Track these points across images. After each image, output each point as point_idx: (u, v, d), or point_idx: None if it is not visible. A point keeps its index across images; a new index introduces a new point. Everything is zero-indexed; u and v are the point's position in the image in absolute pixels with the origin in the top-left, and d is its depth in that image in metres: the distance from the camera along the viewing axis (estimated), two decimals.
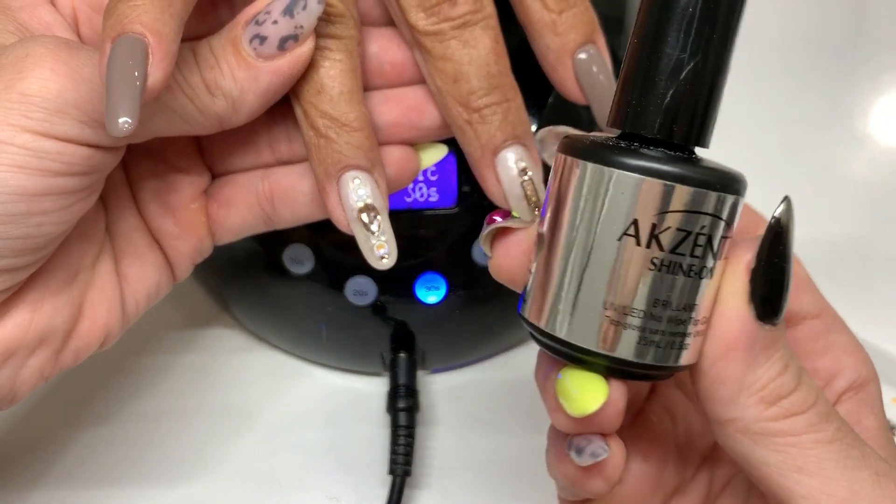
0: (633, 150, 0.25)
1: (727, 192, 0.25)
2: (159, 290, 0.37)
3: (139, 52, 0.27)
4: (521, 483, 0.45)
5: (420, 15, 0.33)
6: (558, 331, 0.26)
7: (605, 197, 0.25)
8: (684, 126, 0.25)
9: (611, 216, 0.25)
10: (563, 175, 0.26)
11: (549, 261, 0.27)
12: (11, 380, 0.32)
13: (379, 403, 0.48)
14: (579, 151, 0.26)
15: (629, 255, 0.25)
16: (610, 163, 0.25)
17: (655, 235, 0.25)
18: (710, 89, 0.26)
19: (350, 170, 0.33)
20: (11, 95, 0.28)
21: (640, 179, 0.25)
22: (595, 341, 0.26)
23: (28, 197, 0.29)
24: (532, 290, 0.27)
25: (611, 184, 0.25)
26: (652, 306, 0.25)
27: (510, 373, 0.50)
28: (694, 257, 0.25)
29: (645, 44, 0.26)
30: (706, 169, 0.25)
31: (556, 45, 0.34)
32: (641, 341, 0.26)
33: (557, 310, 0.26)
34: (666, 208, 0.25)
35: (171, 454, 0.47)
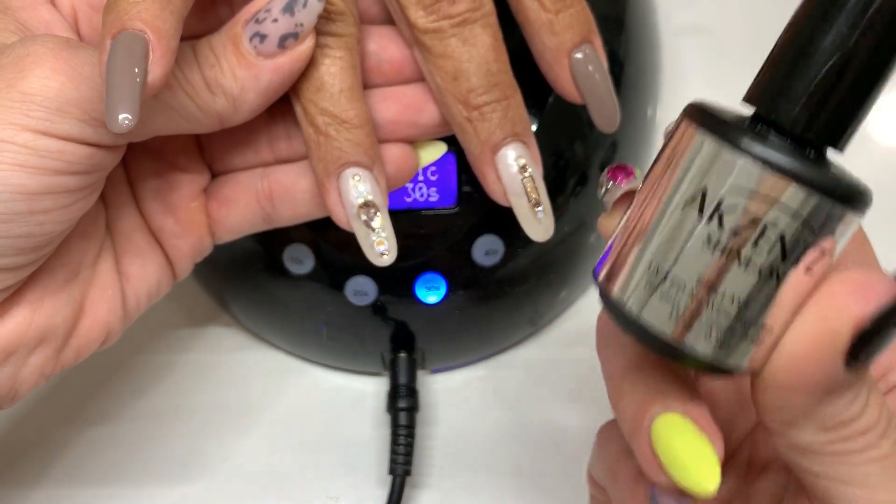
0: (759, 134, 0.23)
1: (823, 193, 0.23)
2: (160, 289, 0.37)
3: (139, 49, 0.27)
4: (522, 483, 0.45)
5: (420, 13, 0.33)
6: (617, 292, 0.25)
7: (686, 156, 0.24)
8: (825, 124, 0.23)
9: (687, 180, 0.24)
10: (676, 143, 0.25)
11: (630, 223, 0.26)
12: (12, 378, 0.33)
13: (379, 403, 0.48)
14: (703, 120, 0.24)
15: (688, 224, 0.24)
16: (731, 140, 0.23)
17: (719, 211, 0.23)
18: (866, 88, 0.23)
19: (350, 167, 0.33)
20: (12, 94, 0.29)
21: (719, 147, 0.23)
22: (641, 305, 0.25)
23: (29, 195, 0.29)
24: (612, 252, 0.26)
25: (691, 142, 0.24)
26: (697, 283, 0.24)
27: (510, 372, 0.50)
28: (756, 249, 0.23)
29: (808, 24, 0.23)
30: (810, 165, 0.23)
31: (553, 45, 0.34)
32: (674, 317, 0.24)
33: (618, 268, 0.25)
34: (736, 185, 0.23)
35: (172, 453, 0.47)
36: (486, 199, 0.36)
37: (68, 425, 0.47)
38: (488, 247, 0.44)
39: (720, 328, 0.24)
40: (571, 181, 0.44)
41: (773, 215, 0.23)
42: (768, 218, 0.23)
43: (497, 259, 0.44)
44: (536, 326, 0.50)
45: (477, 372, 0.50)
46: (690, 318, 0.24)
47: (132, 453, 0.46)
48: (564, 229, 0.45)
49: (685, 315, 0.24)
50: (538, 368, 0.50)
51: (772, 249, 0.23)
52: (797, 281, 0.24)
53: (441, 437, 0.47)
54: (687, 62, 0.58)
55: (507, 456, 0.46)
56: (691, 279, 0.24)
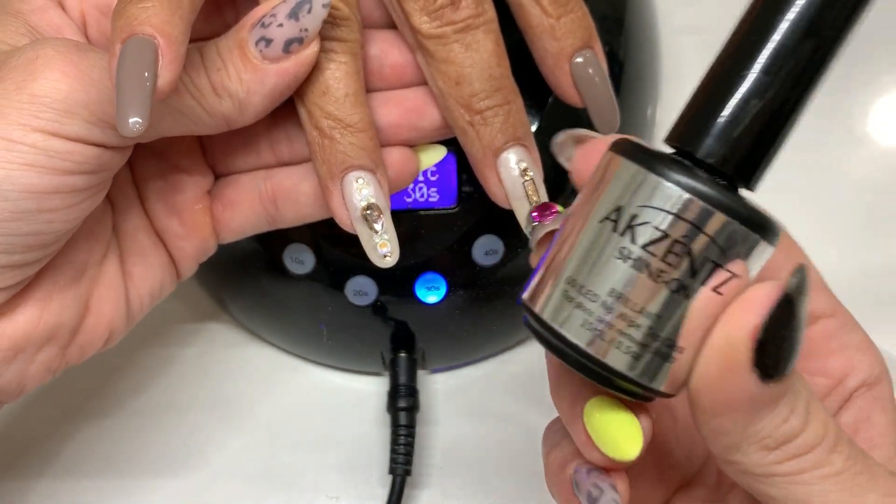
0: (683, 164, 0.24)
1: (729, 215, 0.24)
2: (163, 289, 0.37)
3: (149, 54, 0.28)
4: (522, 482, 0.45)
5: (423, 18, 0.33)
6: (538, 306, 0.26)
7: (606, 181, 0.25)
8: (740, 162, 0.25)
9: (604, 200, 0.25)
10: (602, 171, 0.26)
11: (554, 245, 0.27)
12: (20, 374, 0.33)
13: (379, 403, 0.48)
14: (628, 151, 0.25)
15: (602, 240, 0.25)
16: (654, 168, 0.24)
17: (632, 226, 0.24)
18: (777, 133, 0.25)
19: (353, 170, 0.33)
20: (22, 96, 0.29)
21: (637, 169, 0.24)
22: (555, 315, 0.26)
23: (38, 194, 0.30)
24: (536, 274, 0.27)
25: (615, 169, 0.25)
26: (608, 295, 0.25)
27: (510, 372, 0.50)
28: (666, 264, 0.24)
29: (725, 64, 0.25)
30: (720, 190, 0.24)
31: (554, 50, 0.34)
32: (595, 333, 0.25)
33: (541, 287, 0.26)
34: (648, 203, 0.24)
35: (172, 450, 0.47)
36: (486, 199, 0.36)
37: (69, 419, 0.48)
38: (488, 247, 0.44)
39: (633, 342, 0.25)
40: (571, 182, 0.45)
41: (682, 231, 0.24)
42: (677, 234, 0.24)
43: (497, 259, 0.44)
44: None
45: (477, 372, 0.50)
46: (604, 330, 0.25)
47: (132, 448, 0.47)
48: None
49: (599, 327, 0.25)
50: (538, 368, 0.49)
51: (680, 265, 0.24)
52: (706, 301, 0.24)
53: (441, 436, 0.47)
54: (687, 62, 0.58)
55: (507, 456, 0.46)
56: (603, 291, 0.25)
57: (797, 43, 0.24)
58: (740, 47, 0.25)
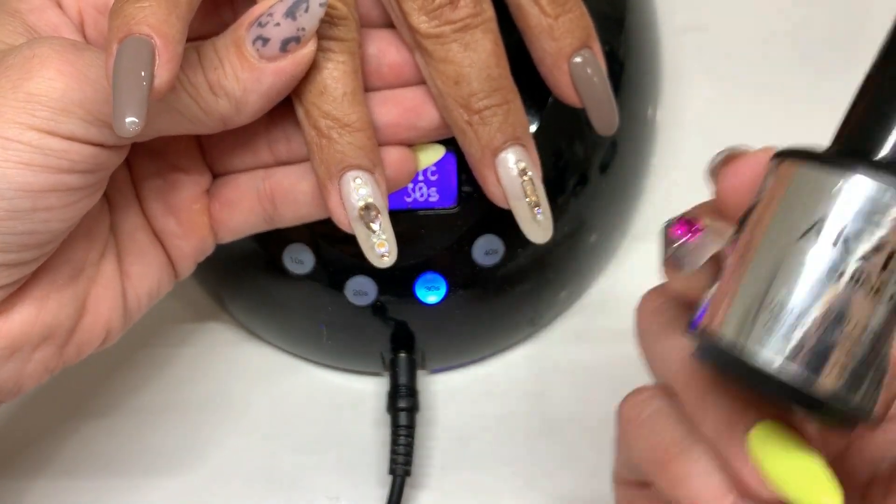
0: (871, 161, 0.22)
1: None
2: (160, 289, 0.37)
3: (146, 54, 0.28)
4: (522, 482, 0.45)
5: (422, 18, 0.33)
6: (728, 338, 0.23)
7: (790, 193, 0.23)
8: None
9: (798, 214, 0.23)
10: (770, 181, 0.24)
11: (736, 267, 0.24)
12: (17, 373, 0.33)
13: (379, 403, 0.48)
14: (796, 155, 0.23)
15: (806, 258, 0.22)
16: (848, 167, 0.22)
17: (845, 239, 0.22)
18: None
19: (351, 170, 0.33)
20: (18, 95, 0.29)
21: (830, 175, 0.22)
22: (758, 349, 0.23)
23: (33, 193, 0.30)
24: (713, 300, 0.25)
25: (797, 178, 0.23)
26: (820, 314, 0.22)
27: (510, 372, 0.50)
28: (885, 275, 0.22)
29: None
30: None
31: (553, 50, 0.34)
32: (814, 363, 0.22)
33: (729, 312, 0.24)
34: (858, 210, 0.22)
35: (171, 449, 0.47)
36: (485, 199, 0.36)
37: (67, 419, 0.48)
38: (488, 247, 0.44)
39: (851, 363, 0.22)
40: (571, 182, 0.45)
41: (869, 226, 0.22)
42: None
43: (497, 259, 0.44)
44: (536, 326, 0.51)
45: (477, 372, 0.50)
46: (815, 354, 0.22)
47: (131, 448, 0.47)
48: (564, 230, 0.46)
49: (811, 350, 0.22)
50: (538, 368, 0.50)
51: (884, 265, 0.22)
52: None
53: (441, 437, 0.47)
54: (687, 62, 0.58)
55: (507, 456, 0.46)
56: (817, 311, 0.22)
57: None
58: None
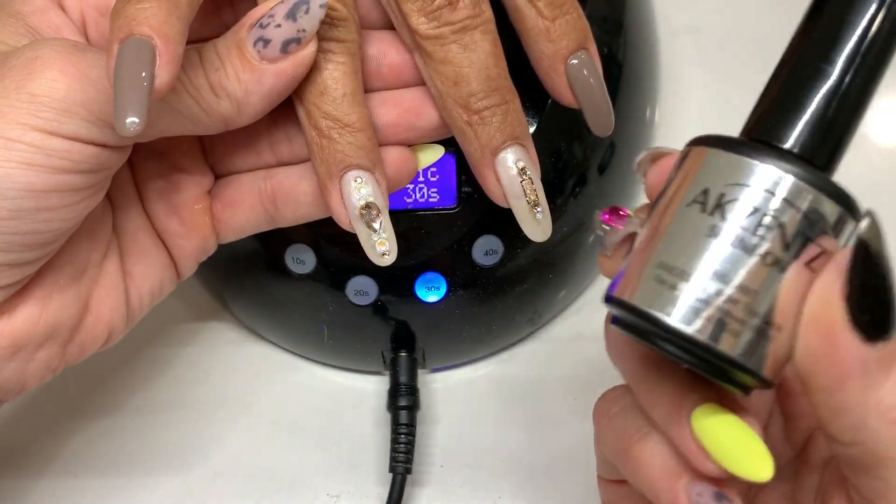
0: (772, 147, 0.25)
1: (820, 191, 0.24)
2: (163, 289, 0.37)
3: (147, 54, 0.28)
4: (522, 481, 0.45)
5: (421, 19, 0.33)
6: (628, 296, 0.26)
7: (691, 170, 0.26)
8: (819, 149, 0.25)
9: (689, 186, 0.26)
10: (680, 165, 0.27)
11: (641, 240, 0.27)
12: (20, 372, 0.33)
13: (379, 402, 0.48)
14: (701, 141, 0.26)
15: (691, 222, 0.25)
16: (748, 154, 0.25)
17: (721, 204, 0.25)
18: (852, 120, 0.26)
19: (352, 169, 0.34)
20: (21, 95, 0.29)
21: (725, 155, 0.25)
22: (650, 301, 0.25)
23: (36, 193, 0.30)
24: (625, 273, 0.27)
25: (700, 159, 0.26)
26: (703, 273, 0.25)
27: (510, 371, 0.50)
28: (758, 237, 0.25)
29: (799, 59, 0.26)
30: (808, 168, 0.25)
31: (550, 52, 0.35)
32: (693, 312, 0.25)
33: (631, 279, 0.26)
34: (737, 181, 0.25)
35: (172, 448, 0.47)
36: (485, 199, 0.36)
37: (70, 418, 0.48)
38: (488, 247, 0.44)
39: (734, 320, 0.25)
40: (570, 182, 0.45)
41: (775, 206, 0.24)
42: (769, 208, 0.24)
43: (497, 259, 0.44)
44: (536, 326, 0.51)
45: (477, 371, 0.50)
46: (702, 309, 0.25)
47: (133, 447, 0.47)
48: (563, 229, 0.46)
49: (697, 306, 0.25)
50: (538, 368, 0.50)
51: (773, 239, 0.24)
52: (799, 276, 0.24)
53: (441, 435, 0.47)
54: (685, 63, 0.58)
55: (507, 454, 0.46)
56: (698, 270, 0.25)
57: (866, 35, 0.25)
58: (811, 41, 0.26)
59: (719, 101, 0.57)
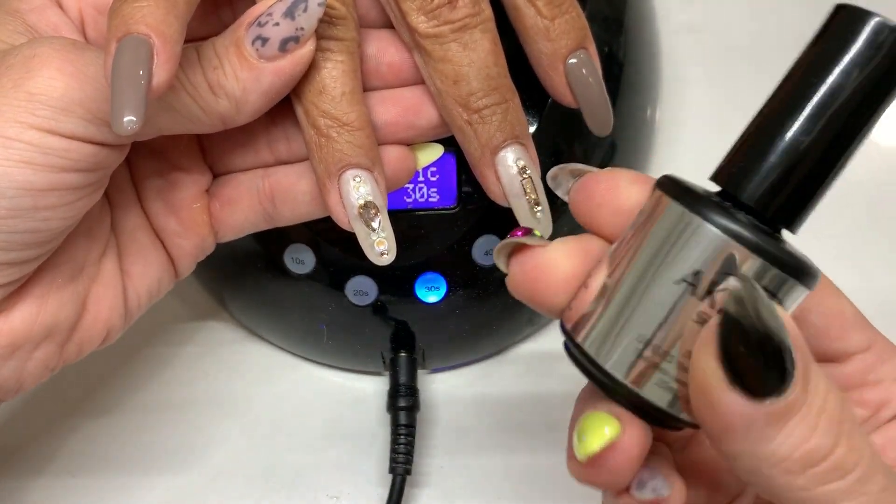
0: (724, 208, 0.25)
1: (790, 274, 0.25)
2: (161, 288, 0.37)
3: (144, 53, 0.28)
4: (522, 482, 0.45)
5: (421, 18, 0.33)
6: (595, 354, 0.27)
7: (680, 240, 0.25)
8: (782, 206, 0.25)
9: (679, 260, 0.25)
10: (650, 209, 0.27)
11: (613, 288, 0.27)
12: (18, 371, 0.33)
13: (379, 402, 0.48)
14: (674, 192, 0.26)
15: (682, 303, 0.25)
16: (699, 211, 0.25)
17: (712, 293, 0.25)
18: (820, 180, 0.26)
19: (351, 168, 0.33)
20: (19, 94, 0.29)
21: (718, 235, 0.25)
22: (624, 373, 0.26)
23: (34, 192, 0.30)
24: (587, 309, 0.28)
25: (691, 229, 0.25)
26: (681, 355, 0.25)
27: (510, 372, 0.50)
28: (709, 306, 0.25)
29: (773, 113, 0.26)
30: (782, 248, 0.25)
31: (549, 51, 0.35)
32: (666, 388, 0.26)
33: (601, 334, 0.27)
34: (730, 270, 0.25)
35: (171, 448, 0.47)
36: (486, 199, 0.36)
37: (68, 417, 0.48)
38: (488, 247, 0.44)
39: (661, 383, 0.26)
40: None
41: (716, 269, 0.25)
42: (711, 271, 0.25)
43: None
44: (536, 326, 0.51)
45: (477, 371, 0.50)
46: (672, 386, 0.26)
47: (132, 446, 0.47)
48: (563, 229, 0.45)
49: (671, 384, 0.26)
50: (538, 368, 0.50)
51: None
52: None
53: (441, 436, 0.47)
54: (686, 63, 0.58)
55: (507, 455, 0.46)
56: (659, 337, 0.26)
57: (843, 100, 0.25)
58: (788, 97, 0.26)
59: (720, 101, 0.57)
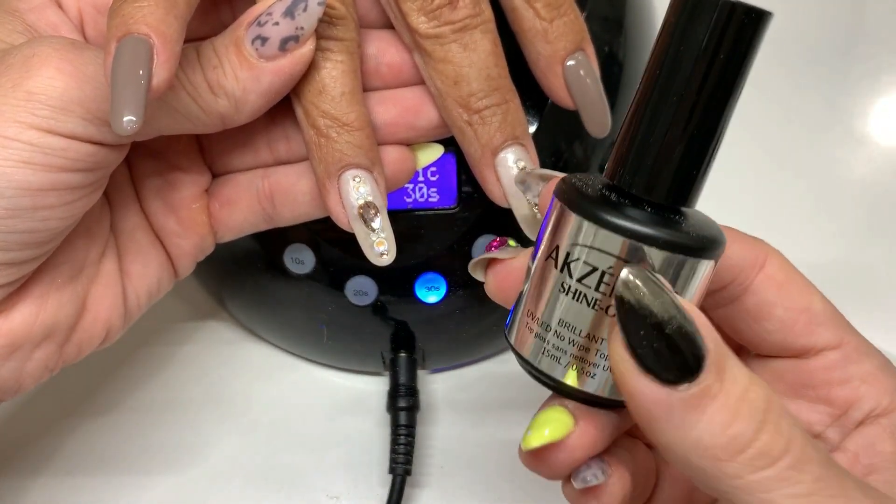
0: (593, 192, 0.26)
1: (655, 245, 0.25)
2: (160, 288, 0.37)
3: (144, 53, 0.28)
4: (522, 482, 0.45)
5: (421, 19, 0.33)
6: (509, 336, 0.29)
7: (550, 221, 0.27)
8: (664, 187, 0.26)
9: (546, 239, 0.28)
10: (549, 212, 0.28)
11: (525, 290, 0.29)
12: (17, 372, 0.33)
13: (379, 402, 0.48)
14: (560, 191, 0.27)
15: (548, 276, 0.27)
16: (568, 201, 0.27)
17: (567, 263, 0.26)
18: (696, 157, 0.26)
19: (350, 168, 0.34)
20: (18, 94, 0.29)
21: (564, 210, 0.26)
22: (517, 343, 0.29)
23: (33, 192, 0.30)
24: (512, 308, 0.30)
25: (555, 209, 0.27)
26: (558, 325, 0.27)
27: (510, 372, 0.50)
28: (598, 292, 0.26)
29: (641, 104, 0.26)
30: (635, 220, 0.25)
31: (547, 53, 0.35)
32: (550, 356, 0.28)
33: (513, 319, 0.29)
34: (576, 241, 0.26)
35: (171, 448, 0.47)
36: (485, 199, 0.36)
37: (68, 417, 0.48)
38: None
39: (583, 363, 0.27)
40: None
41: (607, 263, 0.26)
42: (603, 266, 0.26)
43: None
44: None
45: (477, 372, 0.50)
46: (556, 355, 0.28)
47: (131, 446, 0.47)
48: None
49: (553, 353, 0.28)
50: None
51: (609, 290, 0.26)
52: None
53: (441, 436, 0.47)
54: None
55: (507, 455, 0.46)
56: (553, 321, 0.27)
57: (701, 74, 0.25)
58: (650, 82, 0.26)
59: None
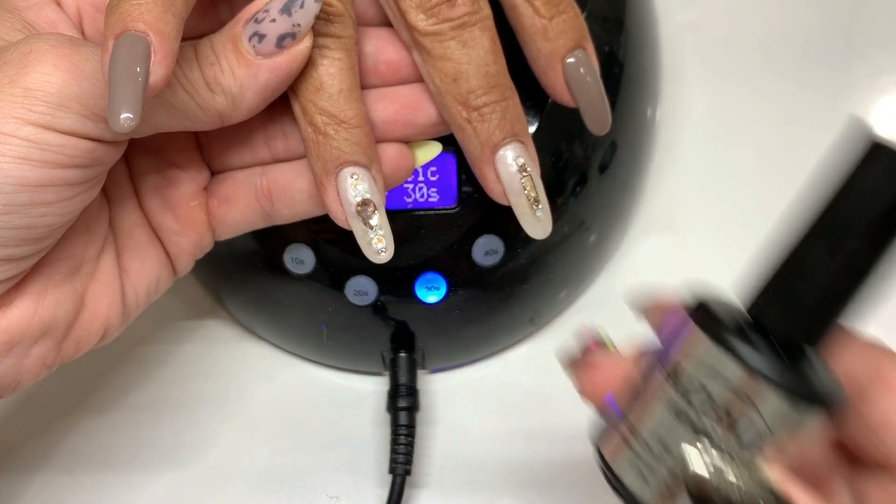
0: (720, 322, 0.26)
1: (775, 386, 0.24)
2: (159, 285, 0.37)
3: (141, 50, 0.28)
4: (522, 482, 0.45)
5: (420, 16, 0.33)
6: (598, 439, 0.29)
7: (678, 342, 0.26)
8: (805, 330, 0.25)
9: (673, 361, 0.26)
10: (674, 331, 0.27)
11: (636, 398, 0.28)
12: (15, 368, 0.33)
13: (379, 403, 0.48)
14: (693, 312, 0.27)
15: (654, 383, 0.26)
16: (698, 323, 0.26)
17: (676, 372, 0.26)
18: (840, 308, 0.25)
19: (348, 166, 0.33)
20: (15, 90, 0.29)
21: (701, 335, 0.25)
22: (606, 450, 0.28)
23: (31, 188, 0.30)
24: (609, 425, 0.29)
25: (688, 333, 0.26)
26: (650, 435, 0.26)
27: (510, 372, 0.50)
28: (699, 413, 0.25)
29: (804, 244, 0.25)
30: (770, 365, 0.25)
31: (547, 50, 0.35)
32: (640, 473, 0.26)
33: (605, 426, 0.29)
34: (692, 353, 0.25)
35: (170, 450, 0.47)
36: (486, 199, 0.36)
37: (66, 415, 0.48)
38: (488, 247, 0.44)
39: (655, 480, 0.26)
40: (571, 182, 0.45)
41: (729, 399, 0.25)
42: (723, 401, 0.25)
43: (497, 259, 0.44)
44: (536, 326, 0.51)
45: (477, 372, 0.50)
46: (651, 479, 0.26)
47: (130, 445, 0.47)
48: (564, 229, 0.46)
49: (651, 478, 0.26)
50: (538, 368, 0.50)
51: (707, 412, 0.25)
52: (740, 457, 0.25)
53: (441, 436, 0.47)
54: (687, 62, 0.58)
55: (507, 456, 0.46)
56: (658, 444, 0.26)
57: (862, 230, 0.24)
58: (819, 229, 0.25)
59: (720, 100, 0.57)
